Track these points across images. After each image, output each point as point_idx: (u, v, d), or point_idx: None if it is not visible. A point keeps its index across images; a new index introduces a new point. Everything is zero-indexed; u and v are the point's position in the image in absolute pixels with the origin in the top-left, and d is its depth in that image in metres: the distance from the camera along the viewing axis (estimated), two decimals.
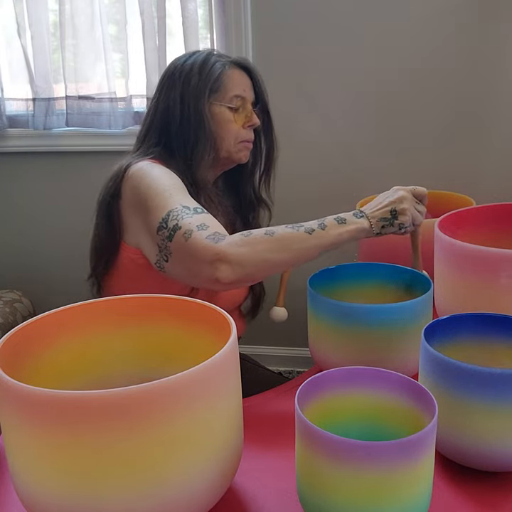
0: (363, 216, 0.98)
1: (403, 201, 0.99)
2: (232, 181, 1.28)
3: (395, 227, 0.99)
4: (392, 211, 0.98)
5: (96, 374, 0.79)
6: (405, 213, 0.98)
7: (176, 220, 0.95)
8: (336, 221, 0.96)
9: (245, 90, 1.17)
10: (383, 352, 0.90)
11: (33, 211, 2.16)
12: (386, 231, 0.99)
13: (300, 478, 0.64)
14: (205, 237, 0.91)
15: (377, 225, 0.98)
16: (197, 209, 0.98)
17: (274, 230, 0.92)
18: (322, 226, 0.94)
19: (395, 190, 1.01)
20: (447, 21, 1.72)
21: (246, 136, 1.18)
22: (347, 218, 0.96)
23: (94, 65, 1.94)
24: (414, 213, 1.00)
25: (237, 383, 0.67)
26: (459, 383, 0.69)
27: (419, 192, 1.03)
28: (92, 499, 0.57)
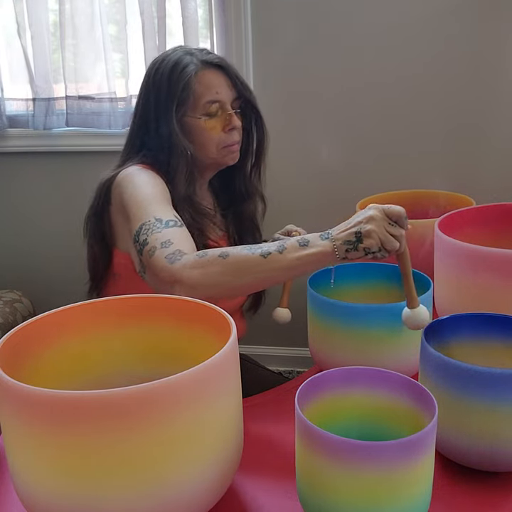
0: (328, 238, 0.86)
1: (370, 222, 0.84)
2: (224, 174, 1.25)
3: (359, 251, 0.84)
4: (357, 233, 0.84)
5: (96, 374, 0.79)
6: (370, 236, 0.83)
7: (145, 235, 0.94)
8: (298, 243, 0.87)
9: (219, 92, 1.11)
10: (383, 352, 0.90)
11: (33, 211, 2.16)
12: (351, 256, 0.85)
13: (300, 478, 0.64)
14: (164, 256, 0.90)
15: (341, 249, 0.85)
16: (169, 222, 0.96)
17: (228, 252, 0.88)
18: (281, 249, 0.86)
19: (366, 209, 0.87)
20: (448, 24, 1.71)
21: (228, 141, 1.14)
22: (310, 240, 0.87)
23: (94, 65, 1.94)
24: (384, 236, 0.84)
25: (237, 383, 0.67)
26: (459, 383, 0.69)
27: (393, 212, 0.85)
28: (92, 499, 0.57)
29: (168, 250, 0.90)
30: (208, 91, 1.10)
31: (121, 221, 1.08)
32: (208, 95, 1.10)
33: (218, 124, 1.13)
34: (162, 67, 1.11)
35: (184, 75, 1.08)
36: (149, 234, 0.94)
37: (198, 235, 1.09)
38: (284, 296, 1.07)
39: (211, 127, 1.12)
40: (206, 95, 1.10)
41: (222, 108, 1.12)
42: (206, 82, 1.10)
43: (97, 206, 1.13)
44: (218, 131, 1.13)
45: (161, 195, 1.03)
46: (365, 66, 1.80)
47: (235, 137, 1.15)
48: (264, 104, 1.88)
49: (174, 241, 0.92)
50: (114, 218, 1.10)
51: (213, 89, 1.11)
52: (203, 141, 1.13)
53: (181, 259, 0.88)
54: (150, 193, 1.02)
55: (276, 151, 1.93)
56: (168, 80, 1.09)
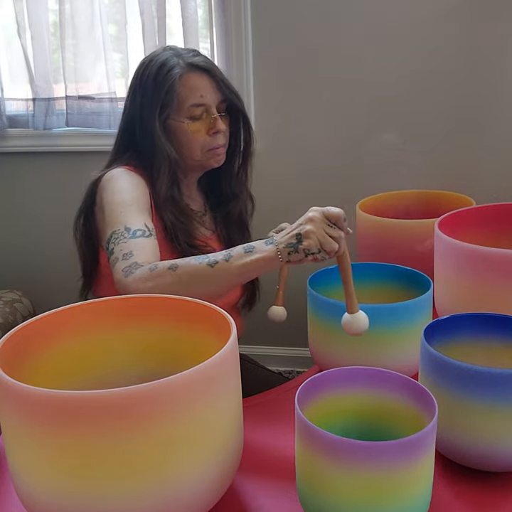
0: (272, 243, 0.88)
1: (309, 223, 0.86)
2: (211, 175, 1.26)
3: (300, 253, 0.85)
4: (297, 235, 0.86)
5: (96, 374, 0.79)
6: (309, 237, 0.85)
7: (113, 244, 0.98)
8: (243, 250, 0.89)
9: (203, 95, 1.11)
10: (383, 352, 0.90)
11: (33, 211, 2.16)
12: (293, 258, 0.86)
13: (300, 478, 0.64)
14: (121, 269, 0.92)
15: (284, 252, 0.86)
16: (136, 232, 0.98)
17: (178, 264, 0.89)
18: (227, 257, 0.89)
19: (307, 212, 0.89)
20: (447, 22, 1.71)
21: (213, 144, 1.14)
22: (256, 246, 0.89)
23: (94, 65, 1.94)
24: (323, 237, 0.85)
25: (237, 383, 0.67)
26: (459, 383, 0.69)
27: (332, 214, 0.86)
28: (92, 499, 0.57)
29: (127, 263, 0.93)
30: (193, 94, 1.10)
31: (102, 222, 1.10)
32: (192, 98, 1.10)
33: (203, 127, 1.13)
34: (149, 68, 1.12)
35: (169, 78, 1.09)
36: (116, 244, 0.97)
37: (183, 236, 1.11)
38: (279, 294, 1.07)
39: (195, 130, 1.12)
40: (190, 98, 1.10)
41: (207, 111, 1.12)
42: (191, 86, 1.10)
43: (84, 206, 1.15)
44: (203, 134, 1.13)
45: (136, 202, 1.05)
46: (364, 65, 1.80)
47: (220, 140, 1.15)
48: (264, 103, 1.89)
49: (135, 252, 0.94)
50: (98, 219, 1.12)
51: (198, 92, 1.11)
52: (188, 144, 1.13)
53: (135, 273, 0.91)
54: (126, 200, 1.04)
55: (276, 150, 1.93)
56: (153, 82, 1.10)
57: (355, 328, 0.86)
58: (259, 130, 1.91)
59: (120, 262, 0.93)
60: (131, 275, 0.90)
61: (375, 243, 1.38)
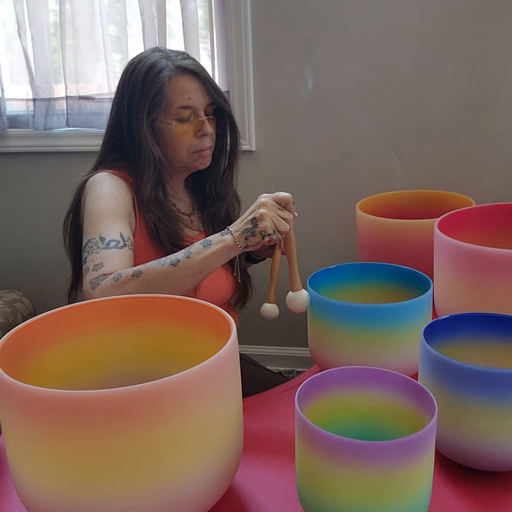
0: (228, 233, 0.96)
1: (261, 207, 0.95)
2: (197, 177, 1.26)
3: (257, 236, 0.93)
4: (253, 220, 0.94)
5: (96, 374, 0.79)
6: (264, 218, 0.93)
7: (86, 253, 1.00)
8: (202, 245, 0.95)
9: (191, 98, 1.11)
10: (383, 352, 0.90)
11: (33, 211, 2.16)
12: (250, 242, 0.94)
13: (300, 478, 0.64)
14: (89, 280, 0.94)
15: (241, 238, 0.94)
16: (110, 242, 1.00)
17: (141, 270, 0.93)
18: (188, 254, 0.94)
19: (257, 200, 0.97)
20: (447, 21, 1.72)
21: (199, 146, 1.14)
22: (212, 239, 0.95)
23: (95, 66, 1.94)
24: (276, 219, 0.94)
25: (237, 383, 0.67)
26: (459, 383, 0.69)
27: (282, 198, 0.97)
28: (93, 499, 0.57)
29: (95, 274, 0.95)
30: (181, 97, 1.11)
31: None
32: (180, 101, 1.11)
33: (190, 129, 1.14)
34: (138, 69, 1.12)
35: (158, 80, 1.09)
36: (89, 253, 0.99)
37: (166, 237, 1.11)
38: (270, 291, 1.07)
39: (182, 132, 1.13)
40: (178, 101, 1.11)
41: (194, 114, 1.13)
42: (179, 88, 1.11)
43: (71, 208, 1.17)
44: (190, 137, 1.14)
45: (114, 210, 1.06)
46: (364, 65, 1.80)
47: (206, 143, 1.16)
48: (264, 103, 1.89)
49: (105, 264, 0.96)
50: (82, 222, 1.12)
51: (186, 94, 1.11)
52: (174, 146, 1.14)
53: (101, 284, 0.93)
54: (104, 207, 1.05)
55: (275, 150, 1.94)
56: (142, 83, 1.10)
57: (297, 305, 0.95)
58: (259, 130, 1.92)
59: (89, 273, 0.96)
60: (97, 287, 0.93)
61: (375, 243, 1.38)
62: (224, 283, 1.21)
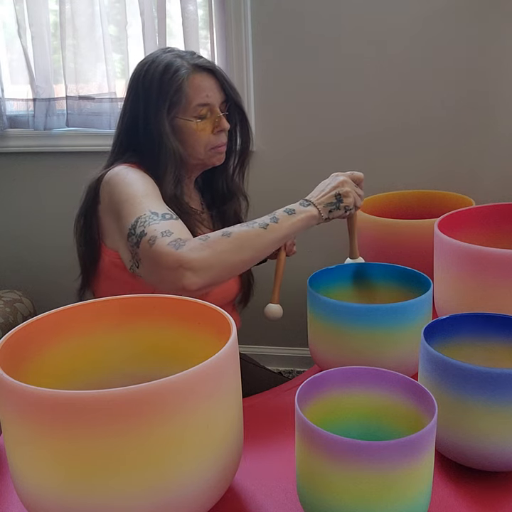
0: (310, 204, 1.02)
1: (345, 185, 1.03)
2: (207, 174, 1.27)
3: (341, 210, 1.03)
4: (337, 195, 1.02)
5: (96, 374, 0.79)
6: (348, 195, 1.03)
7: (142, 227, 0.96)
8: (286, 213, 0.99)
9: (209, 95, 1.14)
10: (383, 352, 0.90)
11: (33, 211, 2.16)
12: (333, 215, 1.03)
13: (300, 478, 0.64)
14: (167, 243, 0.92)
15: (325, 210, 1.02)
16: (165, 215, 0.99)
17: (230, 231, 0.95)
18: (274, 220, 0.98)
19: (334, 177, 1.06)
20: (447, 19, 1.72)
21: (216, 142, 1.16)
22: (295, 208, 1.00)
23: (95, 66, 1.94)
24: (356, 196, 1.04)
25: (237, 383, 0.67)
26: (459, 383, 0.69)
27: (357, 176, 1.08)
28: (93, 498, 0.57)
29: (170, 238, 0.93)
30: (199, 94, 1.12)
31: (109, 219, 1.09)
32: (198, 98, 1.12)
33: (208, 126, 1.15)
34: (152, 68, 1.12)
35: (177, 78, 1.10)
36: (146, 225, 0.96)
37: None
38: (274, 292, 1.08)
39: (201, 129, 1.14)
40: (197, 98, 1.12)
41: (211, 111, 1.15)
42: (197, 86, 1.13)
43: (85, 206, 1.15)
44: (207, 133, 1.15)
45: (152, 191, 1.05)
46: (364, 64, 1.80)
47: (223, 139, 1.18)
48: (264, 103, 1.89)
49: (174, 231, 0.95)
50: (102, 217, 1.12)
51: (204, 92, 1.13)
52: (192, 143, 1.15)
53: (186, 244, 0.92)
54: (142, 189, 1.04)
55: (275, 150, 1.94)
56: (159, 82, 1.10)
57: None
58: (259, 130, 1.92)
59: (161, 239, 0.93)
60: (183, 246, 0.92)
61: (375, 243, 1.38)
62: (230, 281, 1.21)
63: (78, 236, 1.18)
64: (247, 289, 1.30)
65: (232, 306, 1.29)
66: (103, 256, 1.14)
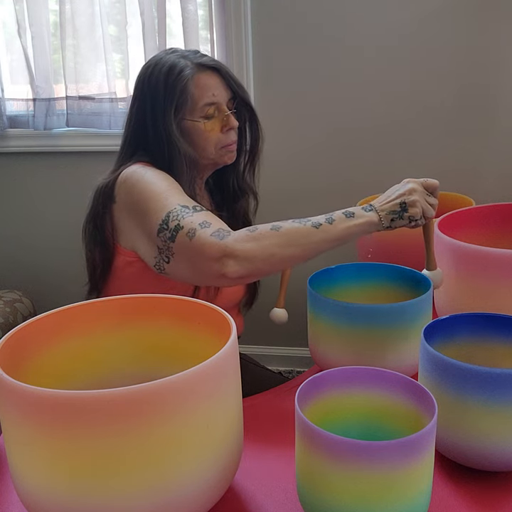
0: (372, 210, 0.95)
1: (413, 193, 0.96)
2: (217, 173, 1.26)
3: (404, 219, 0.95)
4: (402, 204, 0.95)
5: (96, 374, 0.79)
6: (415, 205, 0.95)
7: (177, 221, 0.95)
8: (344, 215, 0.94)
9: (215, 94, 1.12)
10: (383, 352, 0.90)
11: (33, 211, 2.16)
12: (396, 224, 0.96)
13: (300, 478, 0.64)
14: (209, 234, 0.91)
15: (387, 218, 0.95)
16: (196, 207, 0.97)
17: (280, 225, 0.92)
18: (330, 220, 0.93)
19: (404, 183, 0.99)
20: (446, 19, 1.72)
21: (226, 141, 1.15)
22: (355, 212, 0.95)
23: (95, 66, 1.94)
24: (425, 206, 0.96)
25: (237, 383, 0.67)
26: (459, 383, 0.69)
27: (431, 184, 1.01)
28: (92, 499, 0.57)
29: (211, 229, 0.92)
30: (205, 94, 1.11)
31: (126, 219, 1.08)
32: (205, 98, 1.11)
33: (216, 125, 1.14)
34: (157, 70, 1.11)
35: (181, 79, 1.09)
36: (180, 219, 0.95)
37: None
38: (280, 296, 1.07)
39: (210, 129, 1.13)
40: (203, 98, 1.11)
41: (218, 109, 1.14)
42: (203, 85, 1.11)
43: (95, 210, 1.13)
44: (216, 132, 1.14)
45: (175, 187, 1.04)
46: (365, 65, 1.80)
47: (233, 137, 1.17)
48: (264, 103, 1.89)
49: (211, 221, 0.94)
50: (117, 216, 1.10)
51: (210, 91, 1.12)
52: (202, 143, 1.14)
53: (231, 235, 0.91)
54: (164, 184, 1.03)
55: (276, 149, 1.93)
56: (164, 84, 1.09)
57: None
58: None
59: (201, 230, 0.92)
60: (227, 237, 0.90)
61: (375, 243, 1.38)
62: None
63: (88, 241, 1.16)
64: (252, 292, 1.30)
65: (237, 309, 1.29)
66: (117, 256, 1.12)
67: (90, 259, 1.17)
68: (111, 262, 1.14)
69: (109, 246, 1.13)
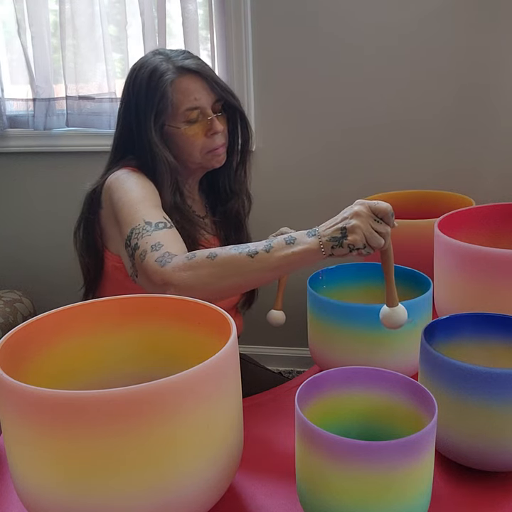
0: (315, 235, 0.85)
1: (355, 218, 0.83)
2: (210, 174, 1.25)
3: (344, 248, 0.83)
4: (342, 229, 0.83)
5: (96, 374, 0.79)
6: (355, 232, 0.82)
7: (136, 239, 0.96)
8: (284, 241, 0.86)
9: (197, 98, 1.10)
10: (383, 352, 0.90)
11: (33, 211, 2.16)
12: (337, 253, 0.84)
13: (300, 478, 0.64)
14: (155, 259, 0.91)
15: (327, 246, 0.84)
16: (158, 224, 0.97)
17: (217, 253, 0.88)
18: (267, 248, 0.86)
19: (353, 205, 0.86)
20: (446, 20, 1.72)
21: (212, 145, 1.13)
22: (297, 238, 0.86)
23: (95, 65, 1.94)
24: (368, 233, 0.82)
25: (237, 383, 0.67)
26: (459, 383, 0.69)
27: (380, 208, 0.83)
28: (93, 498, 0.57)
29: (158, 253, 0.91)
30: (186, 98, 1.09)
31: (111, 225, 1.09)
32: (186, 103, 1.09)
33: (200, 129, 1.12)
34: (140, 74, 1.10)
35: (160, 85, 1.07)
36: (139, 238, 0.95)
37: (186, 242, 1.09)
38: (278, 298, 1.07)
39: (192, 134, 1.11)
40: (185, 103, 1.09)
41: (202, 113, 1.11)
42: (183, 90, 1.09)
43: (85, 215, 1.14)
44: (201, 137, 1.12)
45: (150, 198, 1.04)
46: (365, 65, 1.80)
47: (219, 141, 1.14)
48: (264, 103, 1.89)
49: (164, 243, 0.93)
50: (104, 222, 1.11)
51: (191, 96, 1.10)
52: (187, 148, 1.13)
53: (171, 262, 0.89)
54: (139, 196, 1.03)
55: (276, 150, 1.94)
56: (146, 90, 1.09)
57: (394, 321, 0.85)
58: (259, 130, 1.92)
59: (150, 254, 0.92)
60: (167, 264, 0.89)
61: None
62: None
63: (79, 246, 1.17)
64: (250, 294, 1.29)
65: (235, 310, 1.29)
66: (106, 261, 1.13)
67: (83, 263, 1.18)
68: (101, 267, 1.15)
69: (98, 251, 1.14)
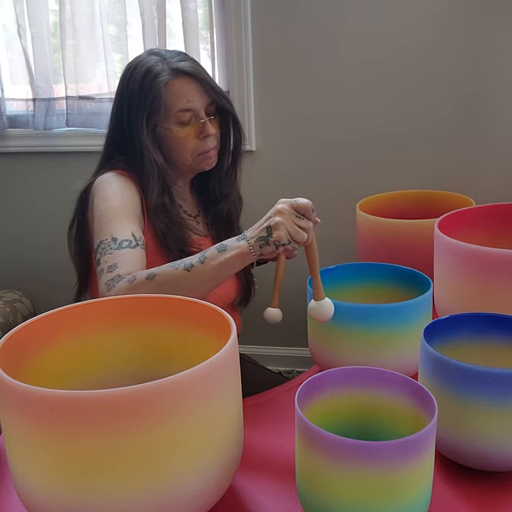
0: (244, 239, 0.89)
1: (278, 215, 0.87)
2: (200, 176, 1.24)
3: (270, 245, 0.87)
4: (267, 228, 0.87)
5: (96, 374, 0.79)
6: (278, 228, 0.86)
7: (100, 254, 0.98)
8: (217, 250, 0.90)
9: (190, 100, 1.09)
10: (383, 352, 0.90)
11: (33, 211, 2.16)
12: (265, 251, 0.88)
13: (300, 478, 0.64)
14: (105, 282, 0.93)
15: (256, 246, 0.88)
16: (123, 242, 0.98)
17: (155, 273, 0.90)
18: (202, 259, 0.90)
19: (275, 205, 0.90)
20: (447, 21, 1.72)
21: (203, 148, 1.13)
22: (228, 244, 0.90)
23: (95, 65, 1.94)
24: (292, 228, 0.86)
25: (237, 383, 0.67)
26: (459, 383, 0.69)
27: (300, 205, 0.88)
28: (93, 498, 0.57)
29: (110, 275, 0.93)
30: (179, 100, 1.09)
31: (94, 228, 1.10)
32: (179, 104, 1.09)
33: (192, 132, 1.12)
34: (134, 74, 1.11)
35: (154, 86, 1.07)
36: (103, 254, 0.98)
37: (174, 244, 1.10)
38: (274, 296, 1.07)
39: (184, 136, 1.11)
40: (177, 104, 1.09)
41: (195, 116, 1.11)
42: (177, 91, 1.09)
43: (75, 215, 1.15)
44: (192, 139, 1.12)
45: (125, 210, 1.05)
46: (365, 64, 1.80)
47: (211, 144, 1.14)
48: (264, 103, 1.89)
49: (119, 265, 0.94)
50: (91, 223, 1.11)
51: (184, 97, 1.10)
52: (179, 150, 1.13)
53: (116, 286, 0.91)
54: (115, 206, 1.04)
55: (275, 150, 1.94)
56: (139, 90, 1.09)
57: (322, 314, 0.89)
58: (259, 130, 1.92)
59: (104, 275, 0.94)
60: (113, 289, 0.91)
61: (375, 243, 1.38)
62: (228, 286, 1.20)
63: (71, 245, 1.18)
64: (246, 291, 1.29)
65: (232, 308, 1.29)
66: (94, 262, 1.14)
67: (75, 262, 1.19)
68: (91, 267, 1.16)
69: (88, 251, 1.15)
